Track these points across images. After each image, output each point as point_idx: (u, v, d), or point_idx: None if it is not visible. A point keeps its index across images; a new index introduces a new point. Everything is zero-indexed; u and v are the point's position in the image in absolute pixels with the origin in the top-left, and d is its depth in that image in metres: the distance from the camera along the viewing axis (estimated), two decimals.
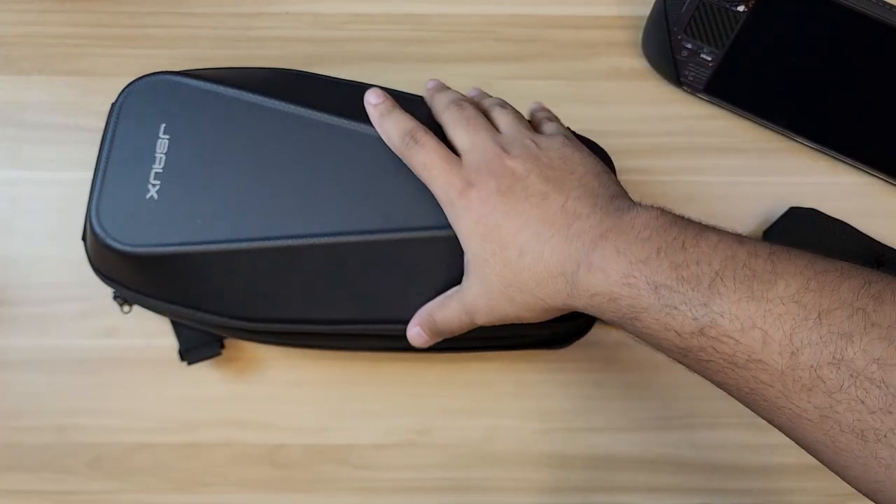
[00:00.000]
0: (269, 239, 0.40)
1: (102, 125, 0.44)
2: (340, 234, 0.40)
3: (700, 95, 0.52)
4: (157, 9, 0.54)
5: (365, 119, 0.41)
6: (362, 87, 0.46)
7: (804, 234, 0.49)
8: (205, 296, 0.42)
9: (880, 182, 0.52)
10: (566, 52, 0.54)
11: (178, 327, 0.47)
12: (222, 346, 0.47)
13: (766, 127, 0.52)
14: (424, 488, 0.48)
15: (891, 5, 0.44)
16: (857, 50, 0.47)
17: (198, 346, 0.47)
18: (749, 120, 0.52)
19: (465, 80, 0.53)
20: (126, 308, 0.46)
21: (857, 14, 0.44)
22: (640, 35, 0.53)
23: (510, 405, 0.48)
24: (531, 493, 0.47)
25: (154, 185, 0.41)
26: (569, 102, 0.53)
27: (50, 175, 0.51)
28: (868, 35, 0.45)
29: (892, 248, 0.49)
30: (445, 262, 0.40)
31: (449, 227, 0.39)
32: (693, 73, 0.51)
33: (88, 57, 0.53)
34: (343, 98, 0.44)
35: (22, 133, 0.52)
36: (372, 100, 0.40)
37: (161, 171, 0.41)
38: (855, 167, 0.52)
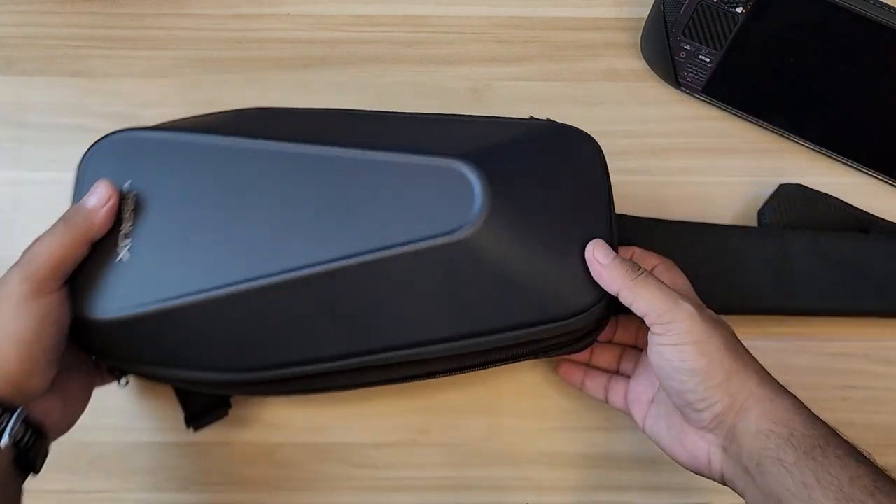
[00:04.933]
0: (250, 280, 0.38)
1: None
2: (322, 262, 0.37)
3: (698, 96, 0.53)
4: (159, 10, 0.54)
5: (328, 141, 0.39)
6: (322, 113, 0.43)
7: (795, 207, 0.50)
8: (193, 352, 0.40)
9: (878, 182, 0.52)
10: (565, 54, 0.54)
11: (180, 392, 0.46)
12: (229, 406, 0.47)
13: (764, 127, 0.53)
14: (424, 487, 0.48)
15: (888, 6, 0.44)
16: (855, 51, 0.47)
17: (203, 411, 0.46)
18: (747, 121, 0.53)
19: (464, 81, 0.53)
20: (123, 381, 0.44)
21: (855, 15, 0.44)
22: (638, 36, 0.53)
23: (510, 404, 0.49)
24: (531, 492, 0.48)
25: (124, 246, 0.39)
26: (568, 103, 0.53)
27: (51, 175, 0.51)
28: (866, 36, 0.45)
29: (878, 217, 0.50)
30: (433, 273, 0.38)
31: (430, 237, 0.37)
32: (691, 74, 0.52)
33: (90, 58, 0.53)
34: (306, 125, 0.42)
35: (23, 134, 0.52)
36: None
37: (130, 230, 0.39)
38: (852, 167, 0.52)
